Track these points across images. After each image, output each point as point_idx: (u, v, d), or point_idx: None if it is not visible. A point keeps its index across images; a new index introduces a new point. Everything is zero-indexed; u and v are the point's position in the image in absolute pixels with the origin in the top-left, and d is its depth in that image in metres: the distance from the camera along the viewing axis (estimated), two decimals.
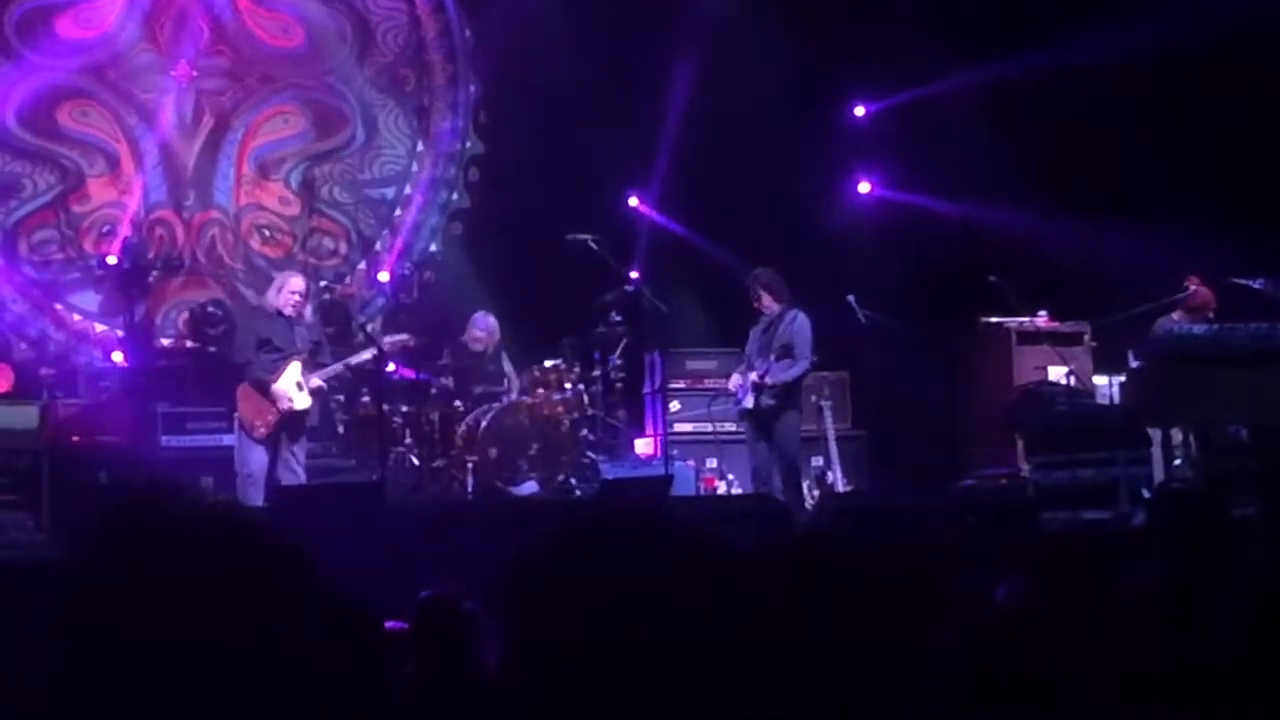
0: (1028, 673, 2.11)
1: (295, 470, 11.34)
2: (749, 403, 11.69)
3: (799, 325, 11.73)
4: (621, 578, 1.58)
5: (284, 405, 11.23)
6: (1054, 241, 13.78)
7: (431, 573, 5.45)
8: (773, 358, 11.64)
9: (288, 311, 11.46)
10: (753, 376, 11.63)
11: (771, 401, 11.61)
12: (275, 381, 11.23)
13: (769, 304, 11.83)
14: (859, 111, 15.53)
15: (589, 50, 14.78)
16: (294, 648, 1.67)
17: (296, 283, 11.68)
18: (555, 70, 14.86)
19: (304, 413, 11.44)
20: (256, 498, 10.96)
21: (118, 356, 13.54)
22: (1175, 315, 11.89)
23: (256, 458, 11.25)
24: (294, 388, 11.28)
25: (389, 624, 4.41)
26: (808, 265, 12.85)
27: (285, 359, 11.32)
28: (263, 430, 11.22)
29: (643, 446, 13.71)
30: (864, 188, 15.35)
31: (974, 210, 14.40)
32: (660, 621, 1.55)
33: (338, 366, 11.83)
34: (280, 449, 11.30)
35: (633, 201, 14.86)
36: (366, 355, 11.92)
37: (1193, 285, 11.93)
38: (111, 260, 13.59)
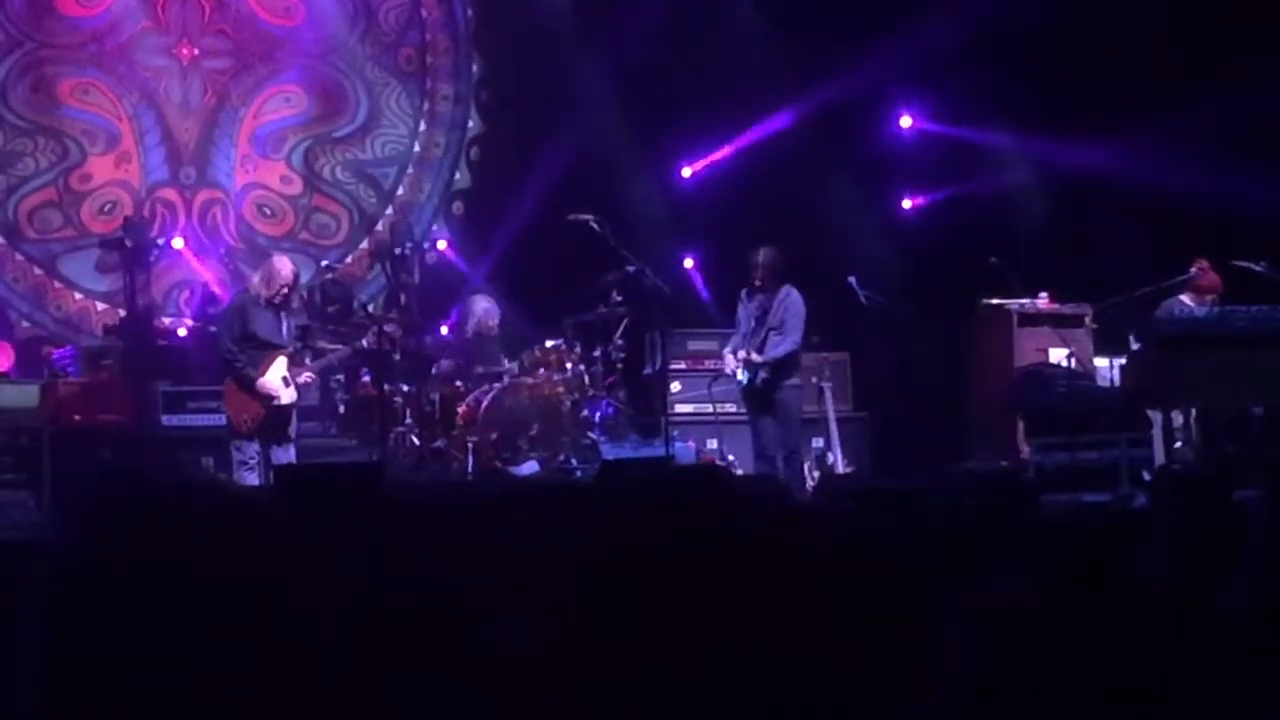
0: (1034, 663, 2.11)
1: (288, 458, 11.23)
2: (744, 377, 11.68)
3: (792, 301, 11.73)
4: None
5: (269, 399, 11.10)
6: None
7: (430, 553, 5.44)
8: (768, 333, 11.66)
9: (275, 300, 11.23)
10: (741, 354, 11.66)
11: (767, 376, 11.61)
12: (260, 376, 11.09)
13: (768, 282, 11.84)
14: (905, 122, 15.40)
15: (591, 29, 14.76)
16: (293, 623, 1.66)
17: (285, 274, 11.30)
18: (558, 50, 14.84)
19: (289, 406, 11.31)
20: (253, 484, 10.87)
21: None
22: (1184, 297, 11.87)
23: (251, 449, 11.15)
24: (280, 383, 11.11)
25: None
26: (811, 247, 12.85)
27: (272, 353, 11.18)
28: (249, 424, 11.09)
29: None
30: (908, 204, 15.40)
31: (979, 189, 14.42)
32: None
33: (328, 360, 11.81)
34: (269, 443, 11.19)
35: (685, 172, 15.13)
36: (349, 349, 11.89)
37: (1201, 268, 11.90)
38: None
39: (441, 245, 13.96)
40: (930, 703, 2.20)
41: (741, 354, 11.64)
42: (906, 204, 15.42)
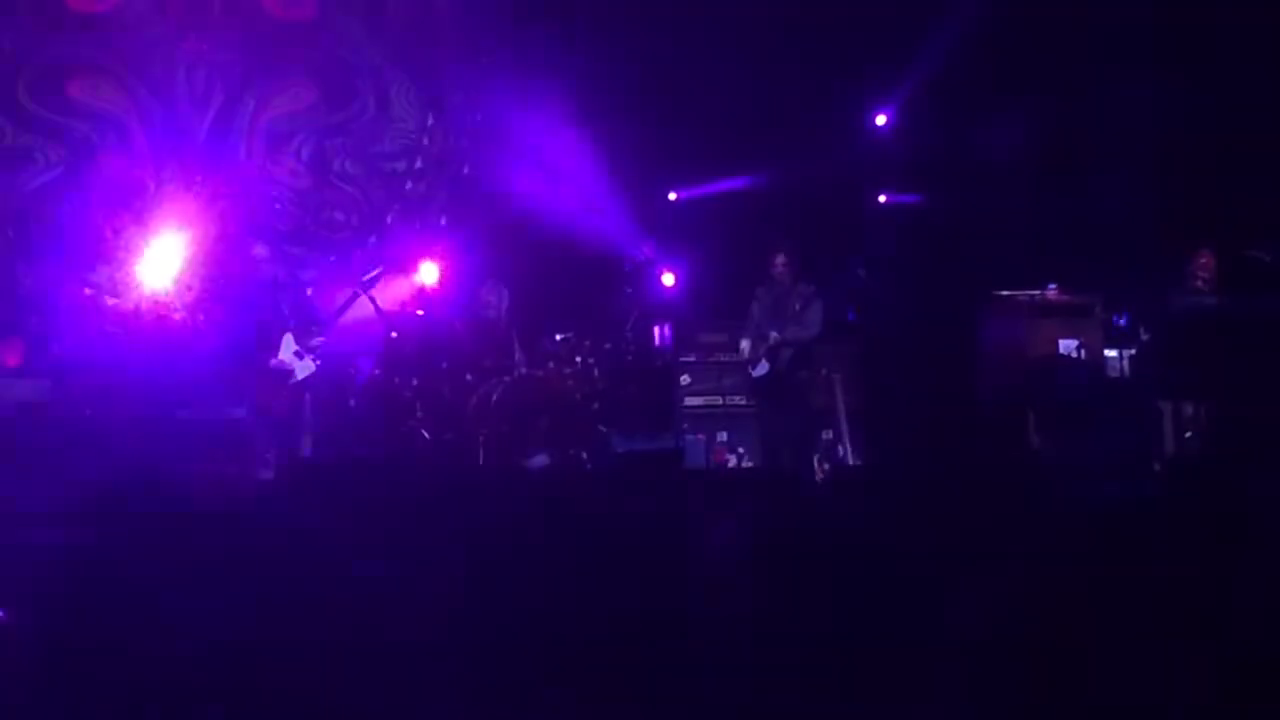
0: (1046, 650, 2.12)
1: (304, 447, 11.33)
2: (764, 369, 11.73)
3: (812, 295, 11.84)
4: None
5: (289, 377, 11.20)
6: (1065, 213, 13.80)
7: (441, 546, 5.46)
8: (786, 325, 11.72)
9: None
10: (773, 335, 11.71)
11: (784, 366, 11.66)
12: (275, 357, 11.19)
13: (788, 273, 11.93)
14: (880, 120, 15.31)
15: (600, 22, 14.79)
16: (299, 618, 1.67)
17: (257, 250, 11.57)
18: (562, 44, 14.86)
19: (308, 380, 11.41)
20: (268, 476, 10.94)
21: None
22: (1190, 287, 11.90)
23: (272, 443, 11.20)
24: (293, 357, 11.25)
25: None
26: (820, 240, 12.86)
27: (277, 332, 11.27)
28: (281, 408, 11.19)
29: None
30: (882, 198, 15.34)
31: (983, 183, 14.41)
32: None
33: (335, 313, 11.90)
34: (296, 423, 11.28)
35: (671, 196, 15.07)
36: (352, 293, 11.95)
37: (1205, 257, 11.93)
38: None
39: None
40: (943, 691, 2.21)
41: (773, 335, 11.70)
42: (881, 199, 15.33)
